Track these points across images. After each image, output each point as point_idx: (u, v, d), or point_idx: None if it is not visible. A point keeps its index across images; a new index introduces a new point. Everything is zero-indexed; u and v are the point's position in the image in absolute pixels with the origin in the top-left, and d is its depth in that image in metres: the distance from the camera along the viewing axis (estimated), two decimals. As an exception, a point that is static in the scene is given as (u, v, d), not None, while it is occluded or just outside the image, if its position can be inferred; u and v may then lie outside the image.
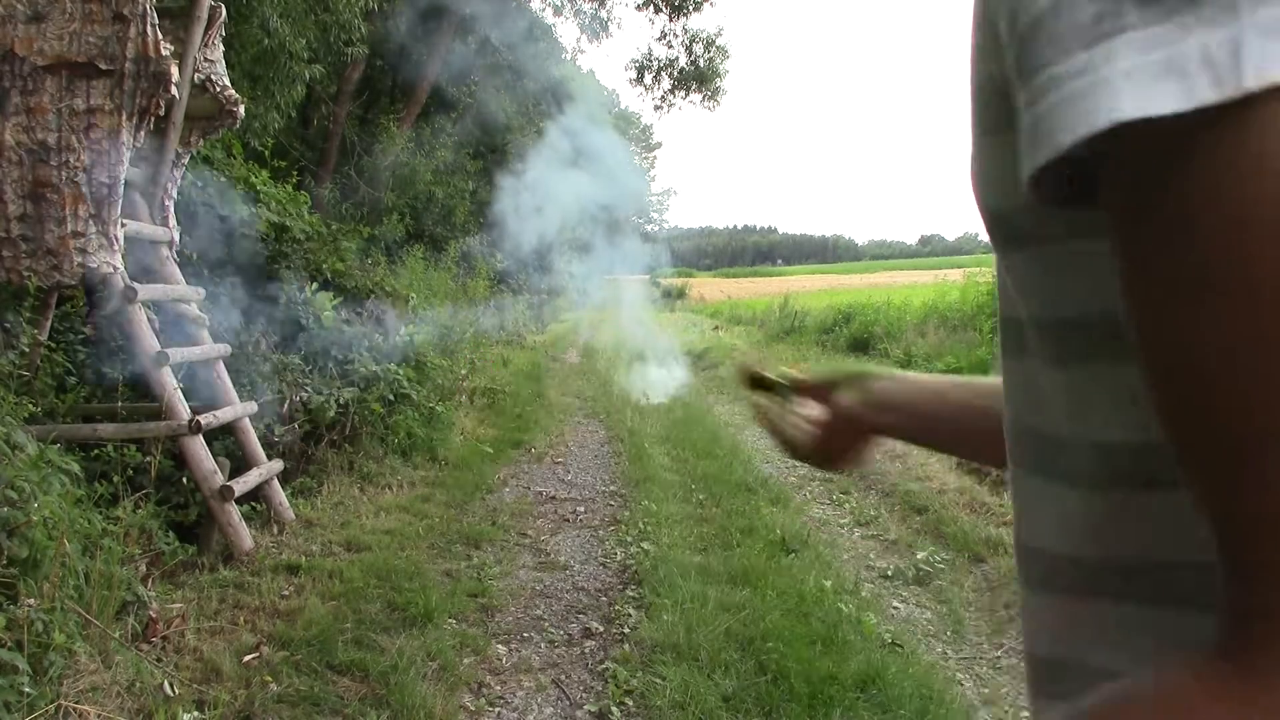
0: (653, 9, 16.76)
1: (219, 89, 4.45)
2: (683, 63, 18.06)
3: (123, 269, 3.85)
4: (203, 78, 4.32)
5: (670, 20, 17.26)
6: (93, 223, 3.71)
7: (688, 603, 3.50)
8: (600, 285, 21.59)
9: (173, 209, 4.54)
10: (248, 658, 2.95)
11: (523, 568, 4.09)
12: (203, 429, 3.93)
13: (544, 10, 16.72)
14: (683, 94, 18.47)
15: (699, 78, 18.16)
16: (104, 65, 3.64)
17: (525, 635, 3.34)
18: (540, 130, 14.64)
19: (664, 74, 18.24)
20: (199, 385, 4.44)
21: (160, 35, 3.73)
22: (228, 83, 4.55)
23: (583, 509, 5.17)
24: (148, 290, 4.05)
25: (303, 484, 5.00)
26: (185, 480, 3.98)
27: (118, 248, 3.79)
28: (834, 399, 0.84)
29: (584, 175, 13.71)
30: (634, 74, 18.45)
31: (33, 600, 2.41)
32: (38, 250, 3.67)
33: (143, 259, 4.40)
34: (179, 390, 4.00)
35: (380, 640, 3.15)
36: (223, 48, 4.55)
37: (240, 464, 4.33)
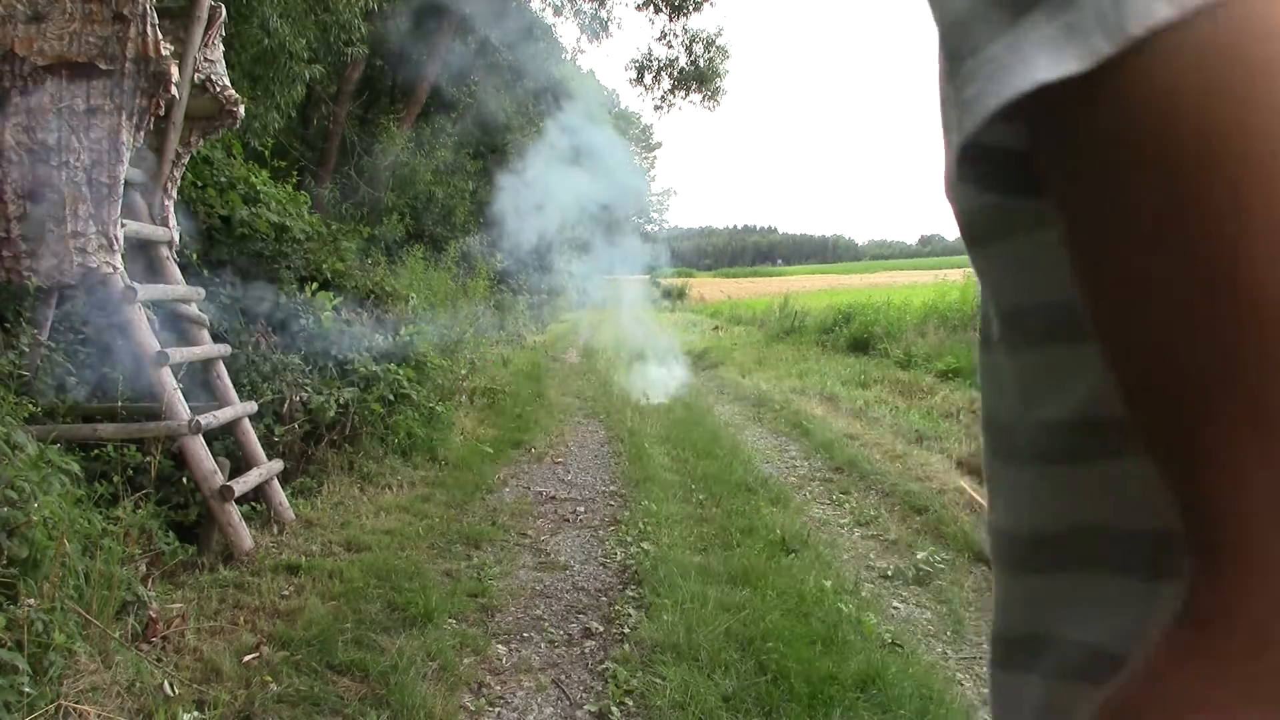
0: (653, 9, 16.76)
1: (219, 89, 4.45)
2: (683, 63, 18.07)
3: (123, 269, 3.85)
4: (203, 78, 4.32)
5: (670, 20, 17.27)
6: (93, 223, 3.71)
7: (688, 603, 3.50)
8: (600, 285, 21.63)
9: (173, 209, 4.54)
10: (248, 658, 2.95)
11: (523, 568, 4.09)
12: (203, 429, 3.93)
13: (544, 10, 16.73)
14: (683, 94, 18.48)
15: (699, 78, 18.16)
16: (104, 65, 3.64)
17: (525, 635, 3.34)
18: (540, 130, 14.65)
19: (664, 74, 18.25)
20: (199, 385, 4.44)
21: (160, 35, 3.74)
22: (228, 83, 4.55)
23: (583, 509, 5.17)
24: (148, 290, 4.05)
25: (303, 484, 5.01)
26: (185, 480, 3.98)
27: (118, 248, 3.79)
28: None
29: (584, 174, 13.72)
30: (634, 74, 18.47)
31: (33, 600, 2.41)
32: (38, 250, 3.67)
33: (142, 259, 4.40)
34: (179, 390, 4.00)
35: (380, 640, 3.15)
36: (223, 48, 4.55)
37: (240, 464, 4.34)
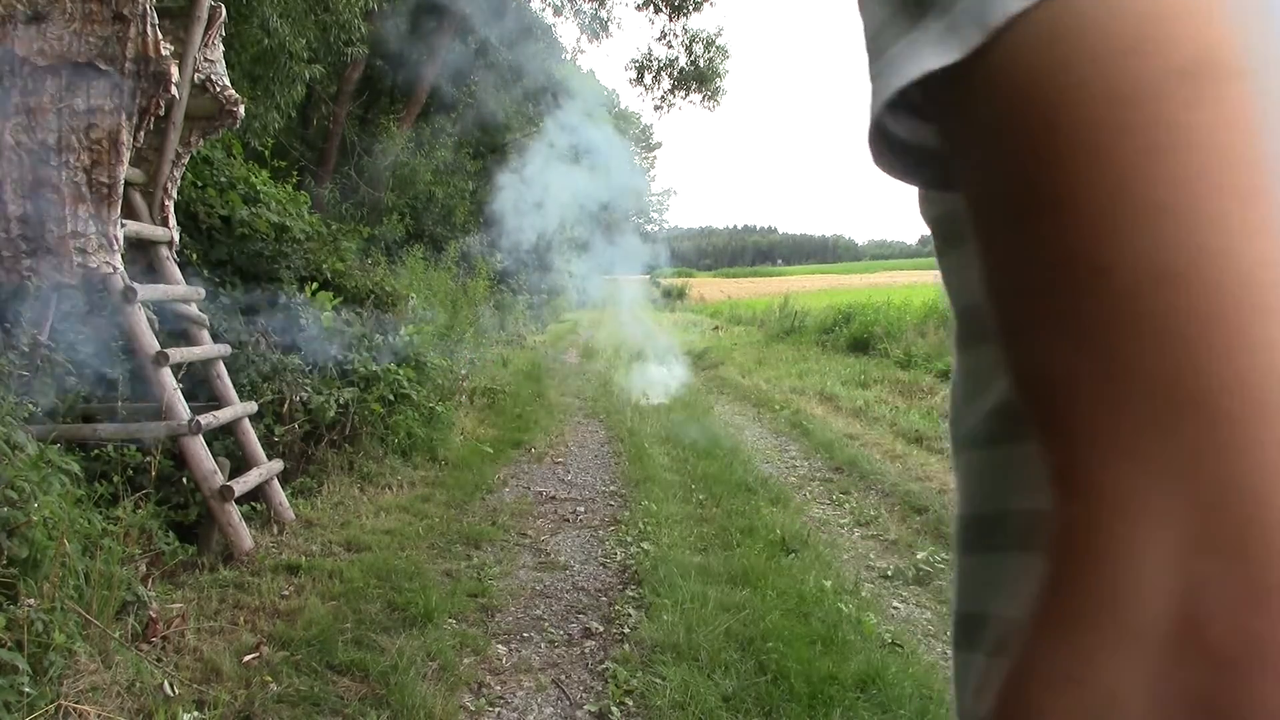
0: (653, 9, 16.74)
1: (219, 89, 4.45)
2: (683, 63, 18.05)
3: (122, 269, 3.85)
4: (203, 78, 4.32)
5: (670, 20, 17.25)
6: (93, 223, 3.71)
7: (688, 603, 3.50)
8: (600, 285, 21.62)
9: (173, 209, 4.54)
10: (248, 658, 2.95)
11: (523, 568, 4.09)
12: (203, 429, 3.93)
13: (544, 10, 16.72)
14: (683, 94, 18.45)
15: (699, 78, 18.14)
16: (104, 65, 3.64)
17: (525, 635, 3.34)
18: (540, 130, 14.65)
19: (664, 74, 18.22)
20: (199, 385, 4.44)
21: (160, 35, 3.73)
22: (228, 83, 4.55)
23: (583, 509, 5.17)
24: (148, 290, 4.05)
25: (303, 484, 5.01)
26: (185, 480, 3.98)
27: (118, 248, 3.79)
28: None
29: (583, 174, 13.72)
30: (634, 74, 18.43)
31: (33, 600, 2.41)
32: (38, 250, 3.67)
33: (142, 259, 4.40)
34: (179, 390, 4.00)
35: (380, 640, 3.15)
36: (223, 48, 4.55)
37: (240, 464, 4.34)
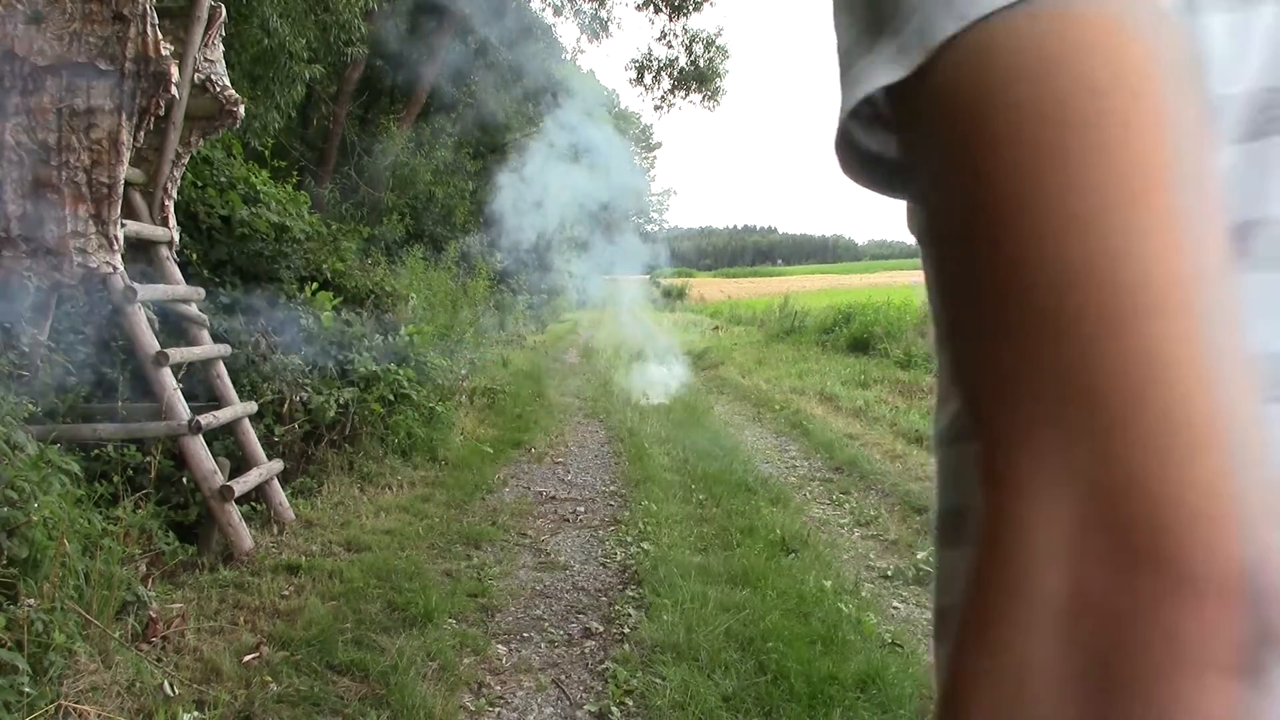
0: (653, 9, 16.74)
1: (219, 89, 4.45)
2: (683, 63, 18.04)
3: (122, 269, 3.85)
4: (203, 78, 4.32)
5: (670, 20, 17.24)
6: (93, 223, 3.71)
7: (688, 603, 3.50)
8: (600, 285, 21.62)
9: (173, 209, 4.54)
10: (248, 658, 2.95)
11: (523, 568, 4.09)
12: (203, 429, 3.93)
13: (544, 10, 16.72)
14: (683, 94, 18.45)
15: (699, 78, 18.14)
16: (104, 65, 3.64)
17: (525, 635, 3.34)
18: (540, 130, 14.65)
19: (664, 74, 18.21)
20: (199, 385, 4.44)
21: (160, 35, 3.73)
22: (228, 83, 4.55)
23: (583, 509, 5.17)
24: (148, 290, 4.05)
25: (303, 484, 5.01)
26: (185, 480, 3.98)
27: (117, 248, 3.79)
28: None
29: (583, 174, 13.72)
30: (634, 74, 18.42)
31: (33, 600, 2.41)
32: (38, 250, 3.67)
33: (143, 259, 4.40)
34: (179, 390, 4.00)
35: (380, 640, 3.15)
36: (223, 48, 4.55)
37: (240, 464, 4.34)
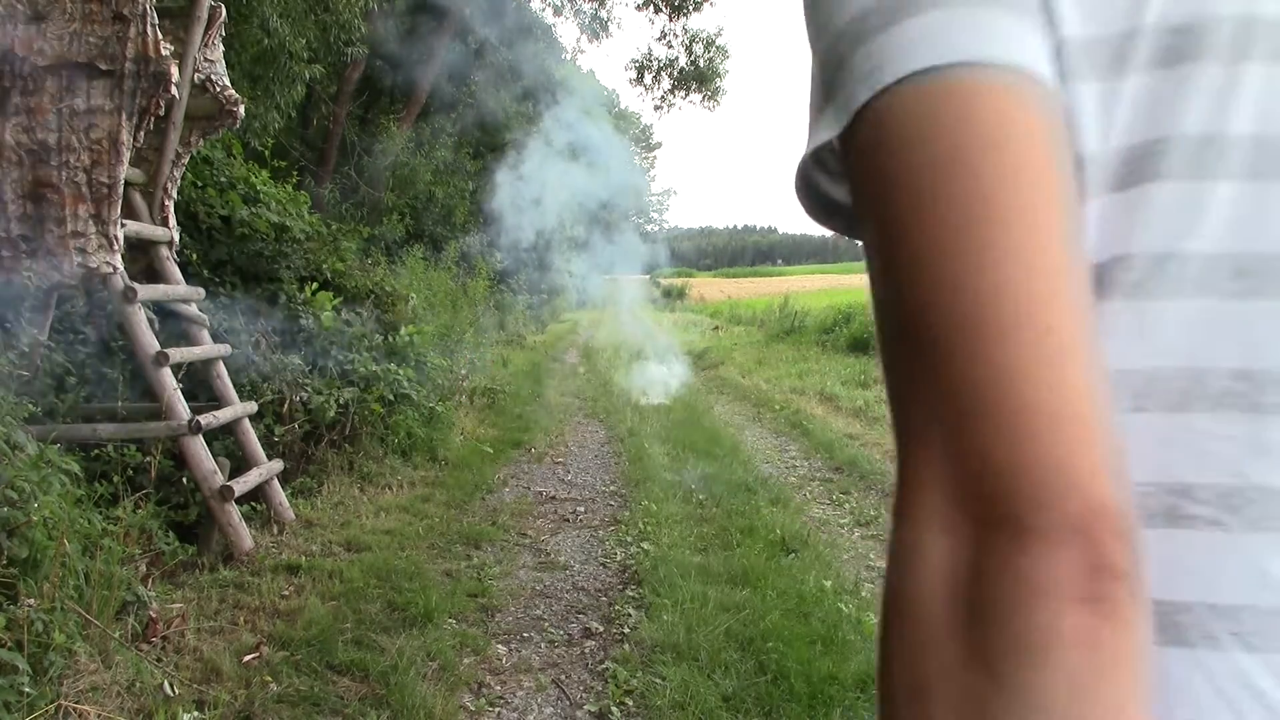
0: (653, 9, 16.73)
1: (219, 89, 4.45)
2: (683, 63, 18.05)
3: (122, 269, 3.85)
4: (203, 78, 4.32)
5: (670, 20, 17.24)
6: (93, 223, 3.71)
7: (688, 603, 3.50)
8: (600, 285, 21.63)
9: (173, 209, 4.54)
10: (248, 658, 2.95)
11: (523, 568, 4.09)
12: (203, 429, 3.93)
13: (544, 10, 16.71)
14: (683, 94, 18.46)
15: (699, 78, 18.14)
16: (104, 65, 3.63)
17: (525, 635, 3.34)
18: (540, 130, 14.65)
19: (664, 74, 18.22)
20: (199, 385, 4.44)
21: (160, 35, 3.73)
22: (228, 83, 4.55)
23: (583, 509, 5.17)
24: (147, 290, 4.05)
25: (303, 484, 5.01)
26: (185, 480, 3.98)
27: (117, 248, 3.79)
28: None
29: (583, 173, 13.72)
30: (634, 74, 18.44)
31: (33, 600, 2.41)
32: (38, 250, 3.67)
33: (142, 259, 4.40)
34: (179, 390, 4.00)
35: (380, 640, 3.15)
36: (223, 48, 4.55)
37: (240, 464, 4.33)
